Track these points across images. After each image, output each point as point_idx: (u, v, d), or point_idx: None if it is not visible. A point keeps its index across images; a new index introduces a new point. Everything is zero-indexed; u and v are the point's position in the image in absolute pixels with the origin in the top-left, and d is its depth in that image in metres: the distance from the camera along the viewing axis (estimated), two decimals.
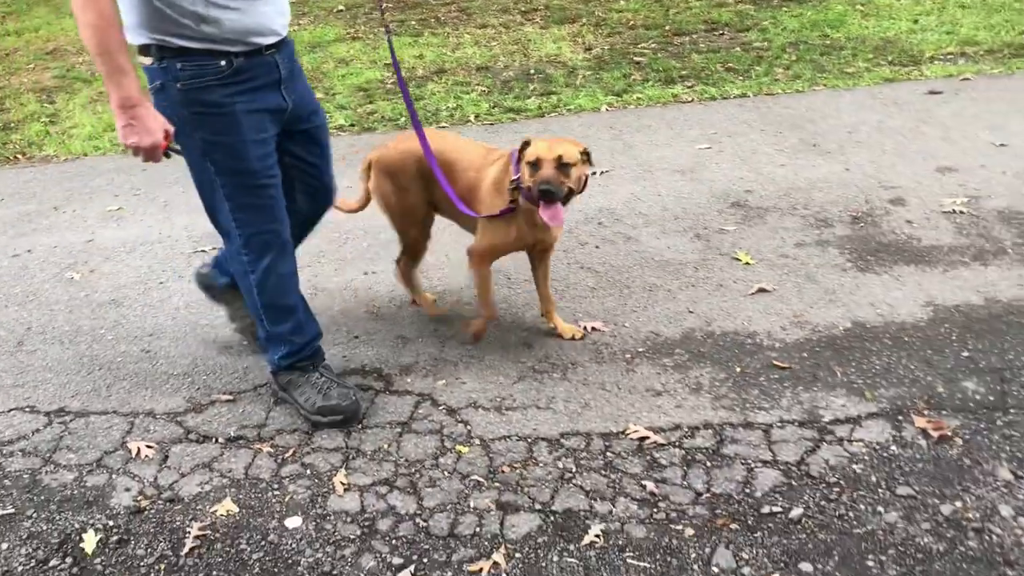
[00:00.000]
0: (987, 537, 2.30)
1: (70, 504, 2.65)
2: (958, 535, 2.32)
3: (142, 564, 2.42)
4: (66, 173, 5.23)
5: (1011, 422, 2.68)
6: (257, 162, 2.63)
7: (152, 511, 2.60)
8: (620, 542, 2.38)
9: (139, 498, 2.65)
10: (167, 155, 2.54)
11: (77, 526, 2.56)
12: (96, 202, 4.74)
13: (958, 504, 2.41)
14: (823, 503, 2.45)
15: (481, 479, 2.63)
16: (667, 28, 7.18)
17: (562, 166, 2.79)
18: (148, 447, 2.85)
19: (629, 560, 2.32)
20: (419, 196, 3.17)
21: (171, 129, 2.50)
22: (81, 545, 2.49)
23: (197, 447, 2.85)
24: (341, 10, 8.72)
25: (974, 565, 2.23)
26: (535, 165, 2.80)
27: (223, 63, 2.50)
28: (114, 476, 2.75)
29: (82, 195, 4.85)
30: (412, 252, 3.33)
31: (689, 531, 2.40)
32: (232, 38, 2.49)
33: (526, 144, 2.88)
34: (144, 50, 2.52)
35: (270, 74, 2.62)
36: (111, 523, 2.57)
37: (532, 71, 6.37)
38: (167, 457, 2.81)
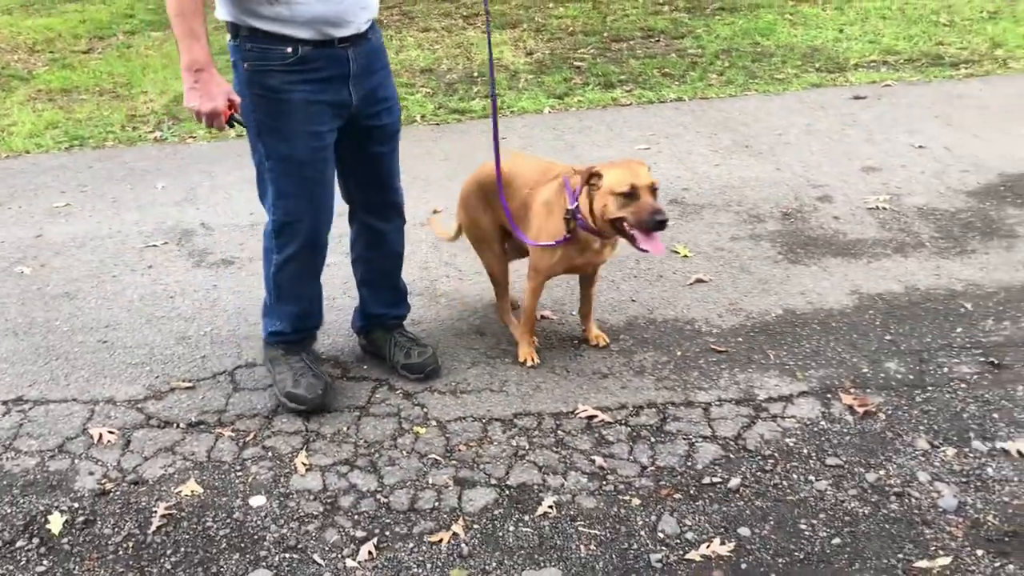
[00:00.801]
0: (907, 500, 2.51)
1: (33, 488, 2.70)
2: (881, 499, 2.52)
3: (110, 543, 2.49)
4: (8, 170, 5.20)
5: (928, 398, 2.90)
6: (306, 153, 2.67)
7: (117, 493, 2.67)
8: (572, 512, 2.53)
9: (103, 481, 2.72)
10: (231, 124, 2.59)
11: (42, 508, 2.61)
12: (42, 198, 4.74)
13: (881, 472, 2.61)
14: (759, 473, 2.63)
15: (439, 457, 2.76)
16: (605, 34, 7.39)
17: (655, 191, 2.76)
18: (110, 433, 2.91)
19: (581, 528, 2.47)
20: (490, 220, 3.19)
21: (236, 99, 2.55)
22: (48, 526, 2.55)
23: (159, 432, 2.92)
24: None
25: (895, 525, 2.43)
26: (629, 196, 2.74)
27: (289, 50, 2.54)
28: (77, 461, 2.80)
29: (27, 192, 4.84)
30: (493, 281, 3.33)
31: (636, 501, 2.56)
32: (302, 22, 2.52)
33: (596, 175, 2.81)
34: (228, 27, 2.60)
35: (339, 67, 2.64)
36: (76, 505, 2.63)
37: (475, 74, 6.51)
38: (129, 442, 2.88)
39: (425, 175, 4.69)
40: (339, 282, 3.63)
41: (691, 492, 2.58)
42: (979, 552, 2.33)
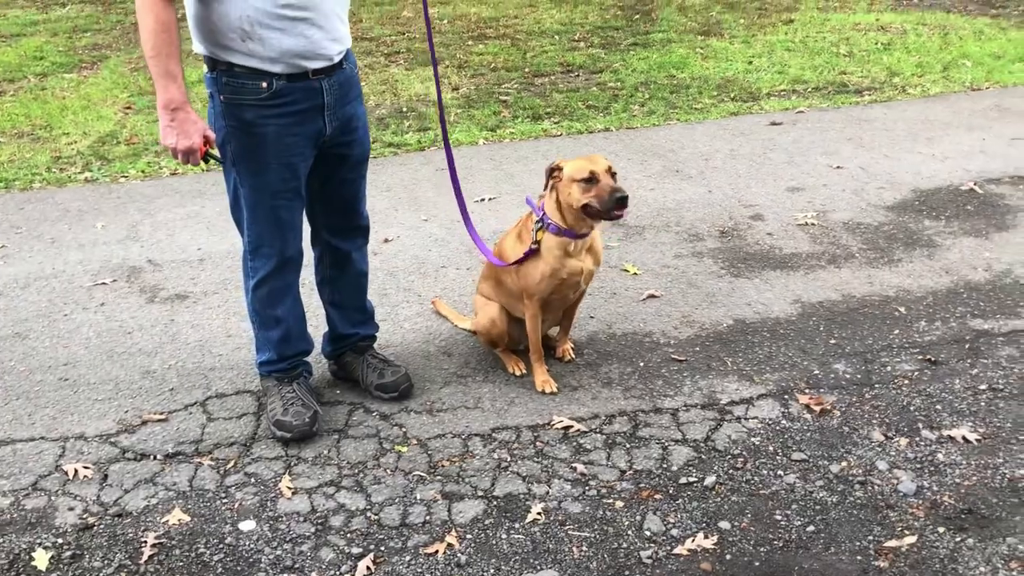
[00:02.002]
0: (870, 487, 2.69)
1: (12, 527, 2.65)
2: (847, 488, 2.69)
3: (102, 574, 2.47)
4: None
5: (877, 395, 3.11)
6: (279, 183, 2.73)
7: (102, 526, 2.65)
8: (560, 518, 2.62)
9: (85, 515, 2.69)
10: (205, 160, 2.64)
11: (24, 546, 2.57)
12: None
13: (843, 463, 2.79)
14: (731, 471, 2.78)
15: (423, 474, 2.82)
16: (527, 70, 7.60)
17: (613, 174, 2.97)
18: (85, 468, 2.87)
19: (571, 532, 2.57)
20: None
21: (212, 136, 2.61)
22: (33, 563, 2.51)
23: (136, 464, 2.90)
24: None
25: (863, 510, 2.60)
26: (590, 180, 2.92)
27: (264, 84, 2.59)
28: (54, 497, 2.76)
29: None
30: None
31: (619, 503, 2.67)
32: (275, 57, 2.57)
33: (557, 168, 2.99)
34: (205, 60, 2.64)
35: (313, 99, 2.69)
36: (60, 540, 2.59)
37: (404, 108, 6.62)
38: (107, 476, 2.85)
39: (370, 207, 4.74)
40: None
41: (670, 492, 2.71)
42: (940, 529, 2.52)
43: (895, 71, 7.02)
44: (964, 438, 2.86)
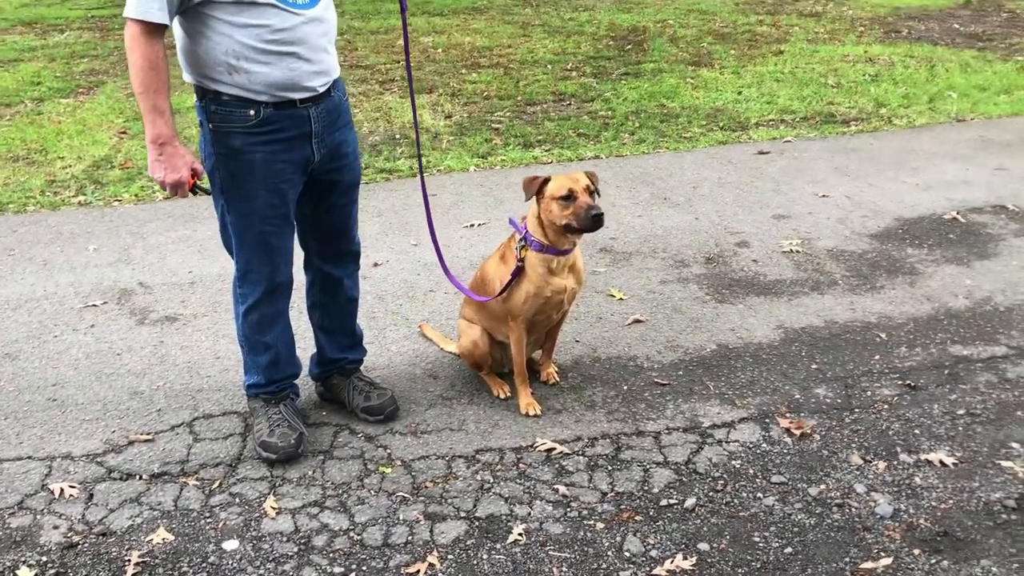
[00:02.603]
0: (848, 510, 2.72)
1: None
2: (825, 511, 2.72)
3: None
4: None
5: (857, 419, 3.15)
6: (266, 209, 2.77)
7: (86, 545, 2.66)
8: (541, 538, 2.65)
9: (70, 534, 2.71)
10: (193, 192, 2.71)
11: (9, 564, 2.59)
12: None
13: (822, 486, 2.83)
14: (711, 493, 2.81)
15: (407, 495, 2.85)
16: (519, 98, 7.69)
17: (592, 192, 3.03)
18: (71, 487, 2.89)
19: (551, 552, 2.60)
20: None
21: (199, 169, 2.67)
22: None
23: (122, 484, 2.92)
24: None
25: (840, 532, 2.63)
26: (567, 198, 2.98)
27: (251, 112, 2.64)
28: (39, 516, 2.78)
29: None
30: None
31: (600, 525, 2.70)
32: (260, 89, 2.62)
33: (545, 181, 3.05)
34: (194, 89, 2.69)
35: (301, 127, 2.73)
36: (44, 559, 2.61)
37: (397, 135, 6.69)
38: (92, 495, 2.87)
39: (361, 232, 4.79)
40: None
41: (651, 514, 2.74)
42: (916, 552, 2.55)
43: (882, 102, 7.12)
44: (941, 462, 2.90)
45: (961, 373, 3.39)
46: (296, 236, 3.04)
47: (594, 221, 2.97)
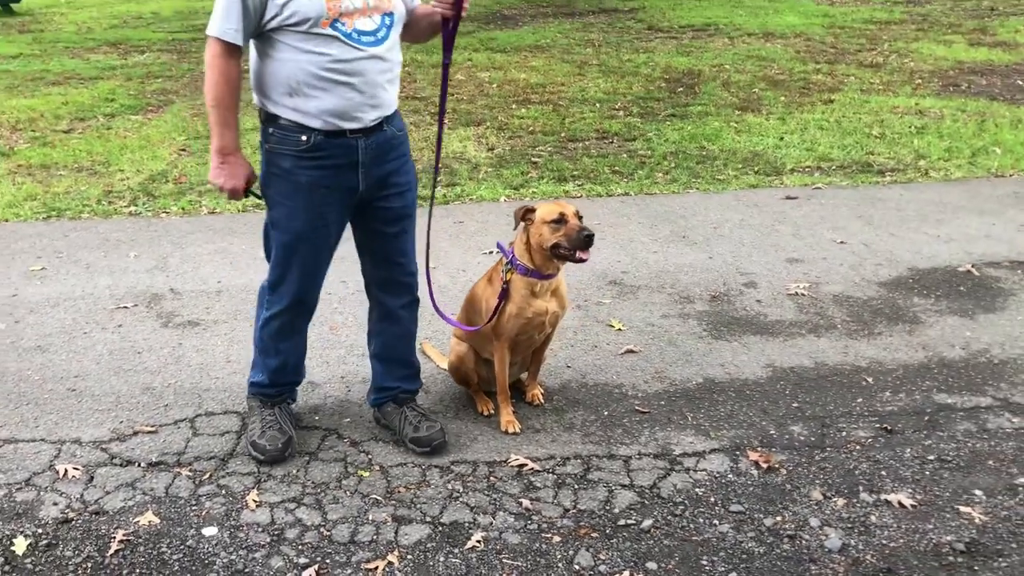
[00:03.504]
0: (798, 541, 2.79)
1: (0, 516, 2.90)
2: (776, 541, 2.80)
3: (70, 564, 2.70)
4: None
5: (826, 457, 3.22)
6: (307, 229, 2.96)
7: (79, 521, 2.89)
8: (497, 547, 2.78)
9: (66, 511, 2.93)
10: (247, 195, 3.00)
11: (8, 533, 2.82)
12: (19, 262, 4.99)
13: (778, 518, 2.90)
14: (669, 517, 2.91)
15: (379, 498, 3.01)
16: (563, 134, 7.88)
17: (579, 217, 3.19)
18: (75, 469, 3.13)
19: (505, 560, 2.73)
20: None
21: (255, 177, 2.96)
22: (12, 548, 2.76)
23: (121, 470, 3.15)
24: None
25: (786, 562, 2.71)
26: (559, 222, 3.15)
27: (303, 137, 2.85)
28: (42, 493, 3.02)
29: (4, 256, 5.10)
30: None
31: (556, 538, 2.82)
32: (314, 114, 2.82)
33: (529, 210, 3.22)
34: (258, 111, 2.95)
35: (349, 156, 2.90)
36: (40, 531, 2.84)
37: (440, 165, 6.91)
38: (92, 478, 3.10)
39: None
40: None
41: (607, 532, 2.85)
42: None
43: (923, 154, 7.12)
44: (900, 503, 2.95)
45: (941, 420, 3.43)
46: (361, 264, 3.24)
47: (585, 241, 3.12)
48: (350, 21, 2.79)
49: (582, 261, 3.18)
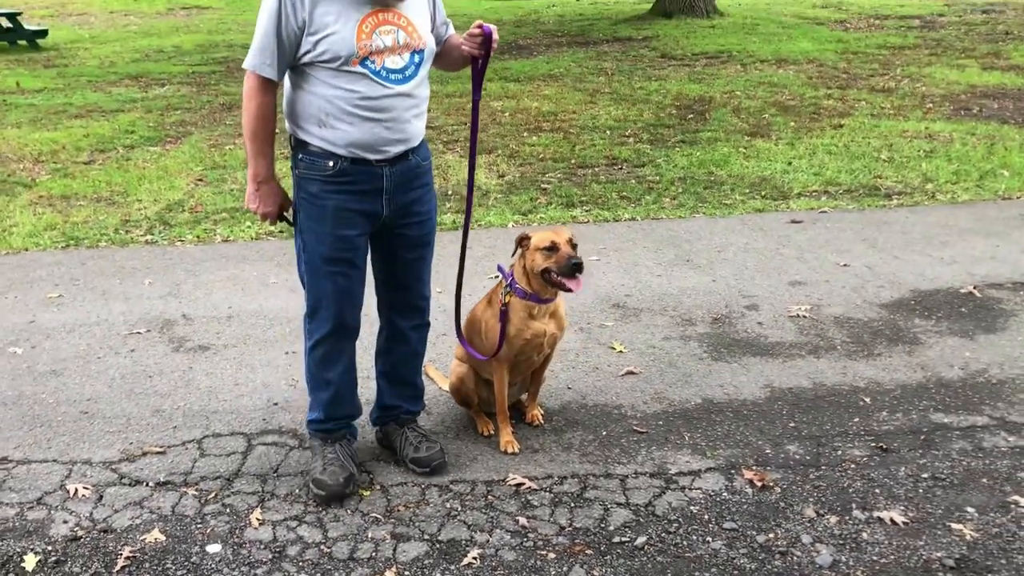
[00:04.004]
0: (789, 558, 2.83)
1: (12, 533, 2.99)
2: (768, 557, 2.84)
3: None
4: (7, 265, 5.60)
5: (821, 476, 3.26)
6: (334, 252, 3.03)
7: (87, 539, 2.97)
8: (493, 563, 2.84)
9: (76, 529, 3.02)
10: (281, 219, 3.14)
11: (19, 550, 2.91)
12: (37, 290, 5.13)
13: (771, 535, 2.94)
14: (664, 535, 2.96)
15: (379, 516, 3.08)
16: (573, 161, 7.98)
17: (574, 245, 3.25)
18: (85, 489, 3.22)
19: None
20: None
21: (288, 204, 3.09)
22: (23, 565, 2.85)
23: (130, 489, 3.23)
24: None
25: None
26: (552, 248, 3.21)
27: (331, 163, 2.95)
28: (53, 512, 3.11)
29: (23, 284, 5.23)
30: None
31: (552, 555, 2.87)
32: (341, 145, 2.92)
33: (526, 237, 3.29)
34: (289, 138, 3.07)
35: (374, 183, 3.00)
36: (49, 548, 2.93)
37: (449, 192, 7.04)
38: (102, 497, 3.19)
39: None
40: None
41: (601, 549, 2.90)
42: None
43: (930, 177, 7.15)
44: (892, 520, 2.98)
45: (936, 439, 3.46)
46: (375, 285, 3.31)
47: (572, 269, 3.18)
48: (380, 59, 2.88)
49: (569, 291, 3.23)
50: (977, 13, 17.28)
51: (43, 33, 16.01)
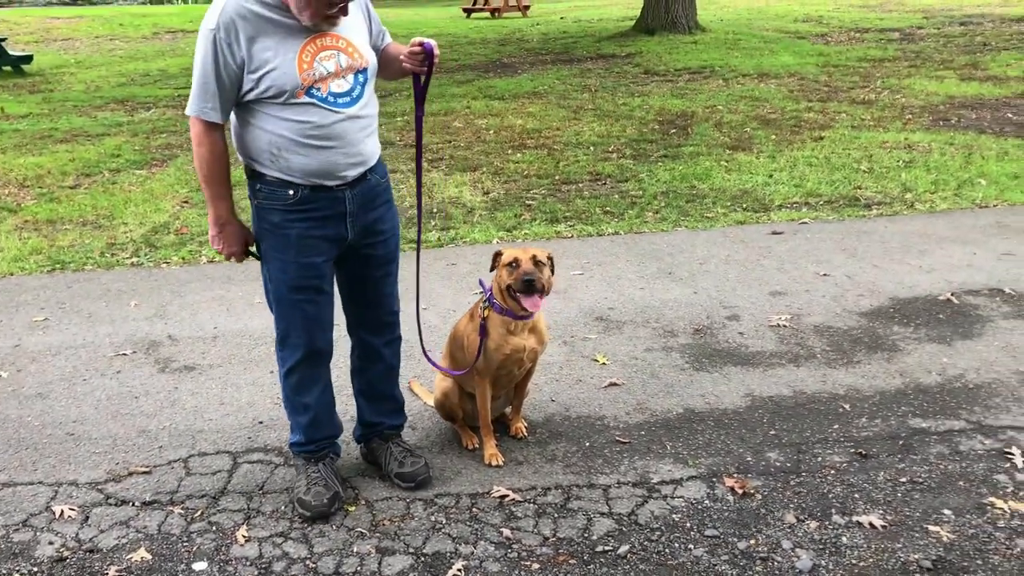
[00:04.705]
0: (770, 563, 2.87)
1: None
2: (748, 563, 2.88)
3: None
4: None
5: (801, 482, 3.29)
6: (300, 280, 3.03)
7: (73, 560, 2.98)
8: (478, 574, 2.86)
9: (61, 550, 3.03)
10: (247, 255, 3.14)
11: (4, 572, 2.92)
12: (22, 314, 5.14)
13: (751, 541, 2.98)
14: (646, 543, 2.99)
15: (364, 530, 3.10)
16: (557, 177, 8.04)
17: (537, 263, 3.24)
18: (71, 510, 3.23)
19: None
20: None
21: (252, 239, 3.09)
22: None
23: (116, 509, 3.25)
24: None
25: None
26: (513, 265, 3.23)
27: (291, 192, 2.94)
28: (39, 533, 3.12)
29: (8, 308, 5.25)
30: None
31: (536, 566, 2.90)
32: (298, 175, 2.92)
33: (499, 254, 3.32)
34: (244, 169, 3.05)
35: (336, 207, 2.99)
36: (35, 569, 2.94)
37: (435, 209, 7.09)
38: (88, 518, 3.20)
39: None
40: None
41: (585, 558, 2.93)
42: None
43: (909, 187, 7.24)
44: (871, 524, 3.02)
45: (915, 444, 3.50)
46: (343, 305, 3.33)
47: (524, 285, 3.20)
48: (324, 85, 2.87)
49: (527, 311, 3.26)
50: (955, 25, 17.49)
51: (28, 59, 16.05)
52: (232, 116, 2.98)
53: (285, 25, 2.83)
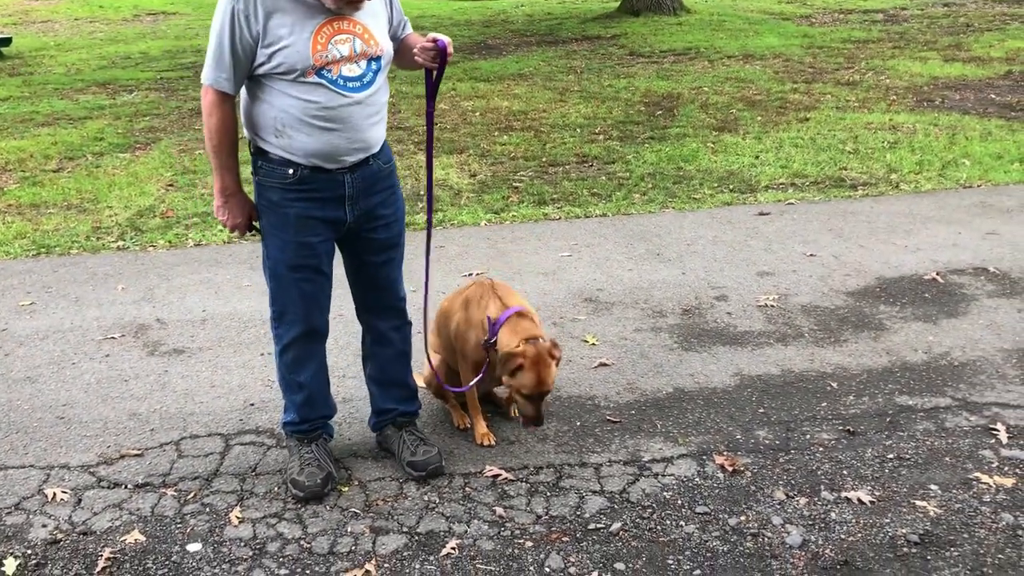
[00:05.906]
0: (760, 539, 2.90)
1: None
2: (739, 539, 2.91)
3: None
4: None
5: (790, 459, 3.33)
6: (297, 259, 3.04)
7: (67, 542, 2.99)
8: (472, 553, 2.89)
9: (55, 532, 3.04)
10: (250, 230, 3.14)
11: None
12: (8, 298, 5.11)
13: (742, 518, 3.01)
14: (638, 520, 3.02)
15: (358, 511, 3.12)
16: (544, 159, 8.04)
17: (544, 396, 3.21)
18: (63, 493, 3.23)
19: (479, 565, 2.83)
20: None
21: (255, 215, 3.09)
22: (2, 569, 2.86)
23: (108, 492, 3.25)
24: None
25: (749, 559, 2.82)
26: (531, 398, 3.19)
27: (291, 171, 2.95)
28: (32, 516, 3.12)
29: None
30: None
31: (529, 543, 2.93)
32: (299, 154, 2.93)
33: (520, 367, 3.15)
34: (248, 144, 3.05)
35: (335, 190, 3.00)
36: (29, 552, 2.94)
37: (422, 192, 7.07)
38: (80, 500, 3.20)
39: None
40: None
41: (577, 536, 2.96)
42: None
43: (894, 168, 7.28)
44: (859, 499, 3.06)
45: (901, 421, 3.55)
46: (350, 288, 3.34)
47: (531, 420, 3.27)
48: (336, 68, 2.88)
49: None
50: (939, 6, 17.53)
51: (7, 41, 15.85)
52: (243, 90, 3.00)
53: (305, 4, 2.84)
